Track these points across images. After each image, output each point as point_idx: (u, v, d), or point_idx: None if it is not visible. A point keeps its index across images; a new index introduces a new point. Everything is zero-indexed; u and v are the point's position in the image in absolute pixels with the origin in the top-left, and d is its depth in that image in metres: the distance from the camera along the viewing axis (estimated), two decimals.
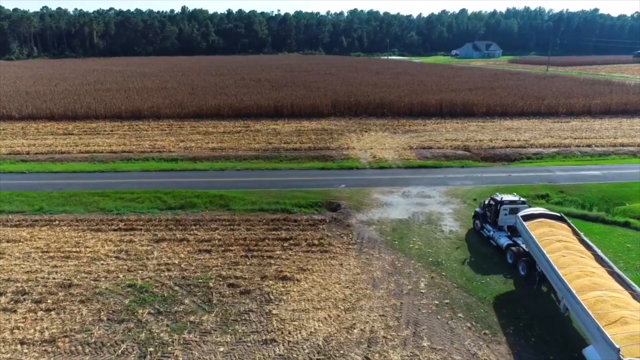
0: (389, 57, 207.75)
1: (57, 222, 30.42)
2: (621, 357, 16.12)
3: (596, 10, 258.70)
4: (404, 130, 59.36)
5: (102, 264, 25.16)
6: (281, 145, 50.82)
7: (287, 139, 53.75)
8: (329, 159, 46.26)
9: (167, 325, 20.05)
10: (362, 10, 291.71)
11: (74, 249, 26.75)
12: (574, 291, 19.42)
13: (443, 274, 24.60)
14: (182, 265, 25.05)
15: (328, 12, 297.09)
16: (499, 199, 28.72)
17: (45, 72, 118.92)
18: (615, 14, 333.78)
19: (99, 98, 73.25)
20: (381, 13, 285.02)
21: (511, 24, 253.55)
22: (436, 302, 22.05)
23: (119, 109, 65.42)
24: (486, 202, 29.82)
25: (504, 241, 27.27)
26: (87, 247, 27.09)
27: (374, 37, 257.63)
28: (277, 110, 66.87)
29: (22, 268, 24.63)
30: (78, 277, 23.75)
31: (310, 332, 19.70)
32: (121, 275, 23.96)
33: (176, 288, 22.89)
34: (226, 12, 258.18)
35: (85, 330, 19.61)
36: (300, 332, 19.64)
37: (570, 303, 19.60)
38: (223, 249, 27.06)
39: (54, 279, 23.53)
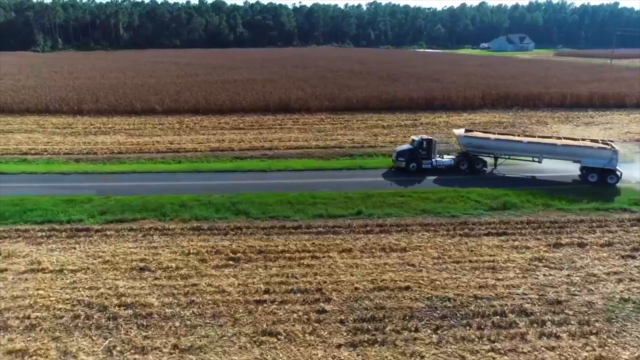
0: (425, 50, 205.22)
1: (411, 226, 27.00)
2: (613, 148, 34.65)
3: (617, 4, 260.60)
4: (578, 122, 56.88)
5: (545, 276, 21.97)
6: None
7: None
8: None
9: None
10: (380, 3, 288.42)
11: (480, 258, 23.44)
12: (553, 142, 36.37)
13: None
14: None
15: (346, 5, 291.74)
16: (428, 138, 38.49)
17: (106, 65, 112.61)
18: (637, 7, 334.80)
19: (220, 90, 68.87)
20: (401, 6, 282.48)
21: (536, 17, 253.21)
22: None
23: (266, 102, 61.37)
24: (418, 144, 37.49)
25: (448, 162, 38.12)
26: (491, 255, 23.85)
27: (399, 29, 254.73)
28: (427, 102, 63.77)
29: (469, 283, 21.34)
30: (564, 292, 20.48)
31: None
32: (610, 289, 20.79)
33: None
34: (248, 4, 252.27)
35: None
36: None
37: (551, 151, 35.66)
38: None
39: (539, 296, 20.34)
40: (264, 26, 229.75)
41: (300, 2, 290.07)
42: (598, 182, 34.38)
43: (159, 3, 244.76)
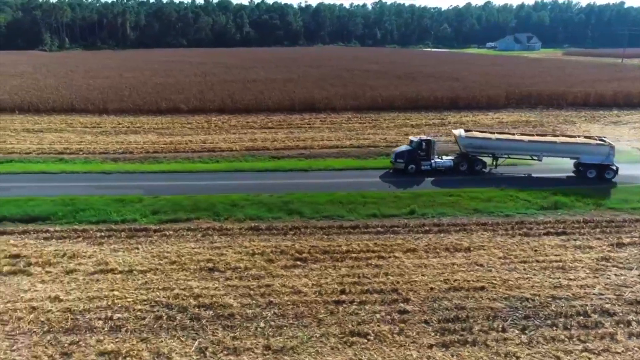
0: (432, 49, 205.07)
1: (468, 225, 26.89)
2: (610, 144, 35.37)
3: (623, 3, 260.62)
4: (605, 121, 56.84)
5: (616, 276, 21.82)
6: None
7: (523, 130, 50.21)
8: None
9: None
10: (386, 2, 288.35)
11: (546, 258, 23.34)
12: (553, 140, 37.06)
13: None
14: None
15: (352, 5, 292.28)
16: (428, 138, 37.64)
17: (118, 64, 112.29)
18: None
19: (242, 90, 68.74)
20: (406, 5, 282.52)
21: (543, 16, 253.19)
22: None
23: (291, 101, 61.26)
24: (416, 145, 36.71)
25: (448, 163, 37.43)
26: (556, 255, 23.70)
27: (405, 29, 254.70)
28: (452, 101, 63.67)
29: None
30: None
31: None
32: None
33: None
34: (253, 3, 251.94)
35: None
36: None
37: (551, 149, 36.01)
38: None
39: None
40: (271, 25, 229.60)
41: (306, 2, 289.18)
42: (596, 178, 35.14)
43: (165, 2, 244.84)
